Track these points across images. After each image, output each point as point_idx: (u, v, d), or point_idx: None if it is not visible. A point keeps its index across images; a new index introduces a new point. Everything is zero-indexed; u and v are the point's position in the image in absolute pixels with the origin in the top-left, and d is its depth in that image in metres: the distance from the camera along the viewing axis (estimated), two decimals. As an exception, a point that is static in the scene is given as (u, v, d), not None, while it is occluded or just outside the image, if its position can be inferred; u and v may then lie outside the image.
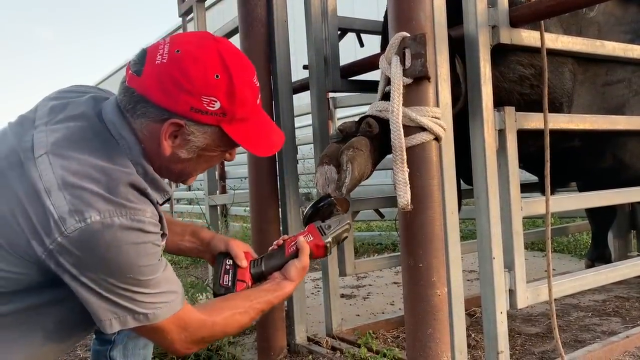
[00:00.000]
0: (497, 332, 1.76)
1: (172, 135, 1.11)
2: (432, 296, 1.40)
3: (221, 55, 1.10)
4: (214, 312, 1.23)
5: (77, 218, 0.99)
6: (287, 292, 1.35)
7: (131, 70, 1.10)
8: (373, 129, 1.57)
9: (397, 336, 2.53)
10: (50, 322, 1.12)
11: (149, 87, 1.07)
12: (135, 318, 1.08)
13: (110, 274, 1.03)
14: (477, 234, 1.81)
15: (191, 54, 1.08)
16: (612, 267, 2.24)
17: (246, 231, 6.01)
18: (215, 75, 1.07)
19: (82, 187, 1.01)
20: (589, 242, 4.21)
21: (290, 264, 1.36)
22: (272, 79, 2.35)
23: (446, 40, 1.67)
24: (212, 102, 1.08)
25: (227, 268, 1.38)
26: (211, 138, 1.14)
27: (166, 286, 1.12)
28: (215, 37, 1.14)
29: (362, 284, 3.77)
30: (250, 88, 1.14)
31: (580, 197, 2.30)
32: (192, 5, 3.68)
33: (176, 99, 1.07)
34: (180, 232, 1.48)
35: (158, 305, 1.10)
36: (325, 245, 1.39)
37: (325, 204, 1.46)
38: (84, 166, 1.03)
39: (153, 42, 1.15)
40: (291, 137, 2.39)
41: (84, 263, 1.01)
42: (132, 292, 1.06)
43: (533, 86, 2.03)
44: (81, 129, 1.10)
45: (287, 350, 2.34)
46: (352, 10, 8.47)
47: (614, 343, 2.15)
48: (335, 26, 2.46)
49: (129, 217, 1.03)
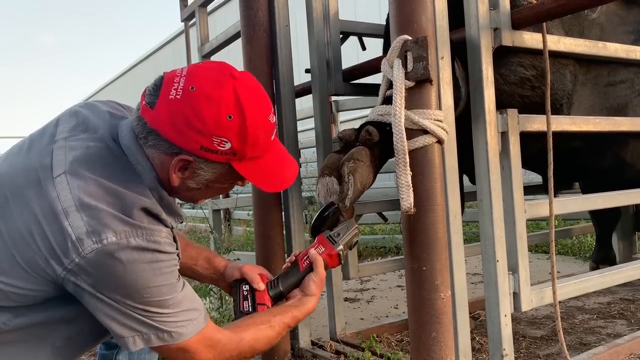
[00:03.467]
0: (501, 335, 1.75)
1: (181, 168, 1.11)
2: (435, 299, 1.39)
3: (237, 95, 1.07)
4: (240, 329, 1.22)
5: (94, 239, 1.00)
6: (310, 307, 1.34)
7: (145, 101, 1.10)
8: (373, 136, 1.57)
9: (401, 340, 2.53)
10: (60, 339, 1.13)
11: (161, 122, 1.07)
12: (159, 337, 1.08)
13: (129, 293, 1.04)
14: (481, 237, 1.80)
15: (206, 92, 1.06)
16: (617, 269, 2.23)
17: (249, 235, 6.01)
18: (228, 116, 1.06)
19: (99, 209, 1.02)
20: (593, 244, 4.20)
21: (308, 279, 1.35)
22: (275, 83, 2.35)
23: (448, 43, 1.67)
24: (223, 143, 1.07)
25: (245, 294, 1.37)
26: (220, 173, 1.14)
27: (187, 304, 1.12)
28: (233, 71, 1.11)
29: (365, 287, 3.76)
30: (264, 128, 1.12)
31: (584, 199, 2.29)
32: (194, 10, 3.69)
33: (186, 137, 1.06)
34: (194, 256, 1.48)
35: (181, 323, 1.10)
36: (338, 253, 1.39)
37: (330, 212, 1.45)
38: (100, 188, 1.04)
39: (171, 70, 1.13)
40: (294, 140, 2.39)
41: (103, 283, 1.02)
42: (152, 313, 1.06)
43: (534, 88, 2.03)
44: (99, 150, 1.11)
45: (291, 354, 2.34)
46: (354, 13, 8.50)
47: (619, 345, 2.14)
48: (337, 30, 2.46)
49: (145, 237, 1.04)
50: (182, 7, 4.01)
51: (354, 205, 1.53)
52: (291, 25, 2.36)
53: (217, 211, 3.86)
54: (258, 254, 2.30)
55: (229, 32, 3.17)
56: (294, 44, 2.50)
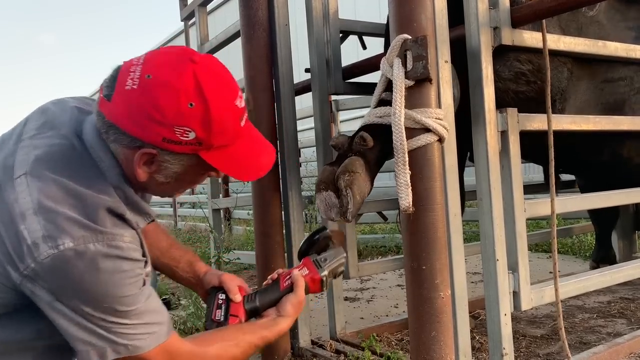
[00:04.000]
0: (501, 334, 1.75)
1: (146, 162, 1.05)
2: (435, 298, 1.39)
3: (197, 80, 1.00)
4: (205, 343, 1.17)
5: (50, 244, 0.95)
6: (282, 328, 1.29)
7: (103, 94, 1.03)
8: (367, 142, 1.55)
9: (401, 339, 2.53)
10: (40, 354, 1.08)
11: (119, 115, 1.01)
12: (115, 350, 1.02)
13: (86, 302, 0.98)
14: (481, 236, 1.80)
15: (163, 80, 0.99)
16: (617, 268, 2.23)
17: (249, 234, 6.02)
18: (189, 104, 0.98)
19: (57, 212, 0.97)
20: (593, 243, 4.20)
21: (286, 300, 1.31)
22: (274, 83, 2.35)
23: (448, 42, 1.67)
24: (186, 133, 1.00)
25: (219, 303, 1.33)
26: (188, 165, 1.07)
27: (149, 317, 1.05)
28: (194, 55, 1.03)
29: (365, 286, 3.76)
30: (230, 113, 1.05)
31: (584, 198, 2.29)
32: (194, 9, 3.69)
33: (147, 129, 0.99)
34: (177, 258, 1.44)
35: (139, 336, 1.04)
36: (322, 279, 1.35)
37: (320, 237, 1.42)
38: (61, 190, 0.99)
39: (128, 60, 1.06)
40: (293, 140, 2.39)
41: (59, 290, 0.97)
42: (110, 323, 1.00)
43: (529, 82, 2.03)
44: (63, 148, 1.06)
45: (291, 353, 2.34)
46: (353, 12, 8.49)
47: (619, 344, 2.14)
48: (337, 29, 2.46)
49: (106, 243, 0.98)
50: (181, 6, 4.01)
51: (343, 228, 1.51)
52: (291, 25, 2.36)
53: (217, 210, 3.86)
54: (258, 253, 2.30)
55: (229, 32, 3.17)
56: (294, 43, 2.50)
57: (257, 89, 2.28)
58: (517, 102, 2.01)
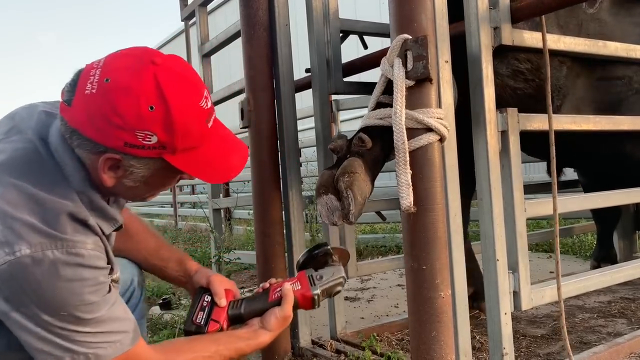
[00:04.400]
0: (501, 334, 1.76)
1: (111, 167, 1.03)
2: (436, 298, 1.39)
3: (158, 82, 0.97)
4: (172, 353, 1.14)
5: (7, 250, 0.93)
6: (261, 342, 1.26)
7: (63, 98, 1.01)
8: (366, 143, 1.54)
9: (401, 339, 2.53)
10: None
11: (79, 121, 0.99)
12: (74, 359, 0.99)
13: (44, 310, 0.95)
14: (481, 236, 1.80)
15: (122, 83, 0.96)
16: (618, 268, 2.23)
17: (250, 234, 6.02)
18: (149, 107, 0.96)
19: (15, 218, 0.95)
20: (593, 243, 4.20)
21: (270, 313, 1.27)
22: (275, 83, 2.35)
23: (448, 42, 1.67)
24: (148, 137, 0.98)
25: (203, 305, 1.30)
26: (155, 168, 1.05)
27: (111, 325, 1.03)
28: (155, 57, 1.01)
29: (366, 286, 3.76)
30: (194, 115, 1.02)
31: (585, 198, 2.29)
32: (194, 9, 3.69)
33: (108, 134, 0.97)
34: (166, 258, 1.43)
35: (100, 344, 1.01)
36: (313, 297, 1.31)
37: (320, 252, 1.37)
38: (21, 195, 0.97)
39: (89, 63, 1.03)
40: (294, 140, 2.39)
41: (15, 298, 0.95)
42: (69, 331, 0.98)
43: (527, 80, 2.03)
44: (27, 152, 1.04)
45: (292, 353, 2.34)
46: (354, 12, 8.49)
47: (620, 344, 2.14)
48: (337, 29, 2.46)
49: (65, 250, 0.96)
50: (182, 6, 4.01)
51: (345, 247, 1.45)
52: (291, 24, 2.36)
53: (218, 210, 3.86)
54: (258, 253, 2.30)
55: (229, 32, 3.17)
56: (294, 43, 2.50)
57: (257, 88, 2.28)
58: (515, 99, 2.01)
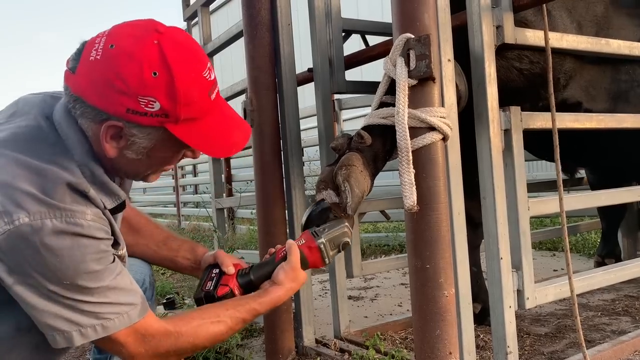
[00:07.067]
0: (505, 333, 1.76)
1: (114, 136, 1.03)
2: (439, 297, 1.39)
3: (161, 50, 0.98)
4: (181, 322, 1.14)
5: (6, 219, 0.94)
6: (274, 297, 1.23)
7: (68, 66, 1.02)
8: (365, 139, 1.55)
9: (405, 337, 2.53)
10: (25, 349, 1.06)
11: (82, 87, 1.00)
12: (82, 333, 1.00)
13: (47, 279, 0.96)
14: (485, 235, 1.80)
15: (126, 49, 0.97)
16: (622, 266, 2.23)
17: (253, 233, 6.03)
18: (152, 73, 0.97)
19: (15, 187, 0.95)
20: (597, 241, 4.19)
21: (279, 268, 1.27)
22: (277, 82, 2.35)
23: (451, 41, 1.67)
24: (151, 103, 0.98)
25: (212, 276, 1.30)
26: (157, 140, 1.05)
27: (117, 296, 1.03)
28: (159, 27, 1.02)
29: (369, 285, 3.76)
30: (198, 84, 1.02)
31: (589, 196, 2.30)
32: (197, 9, 3.70)
33: (110, 100, 0.98)
34: (176, 248, 1.43)
35: (107, 315, 1.01)
36: (319, 246, 1.30)
37: (318, 207, 1.38)
38: (20, 166, 0.98)
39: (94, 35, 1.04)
40: (297, 139, 2.40)
41: (18, 269, 0.95)
42: (74, 301, 0.98)
43: (532, 62, 2.03)
44: (29, 129, 1.05)
45: (295, 352, 2.34)
46: (356, 11, 8.49)
47: (624, 342, 2.14)
48: (340, 28, 2.46)
49: (64, 219, 0.96)
50: (184, 6, 4.02)
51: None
52: (293, 24, 2.36)
53: (221, 210, 3.87)
54: (261, 252, 2.31)
55: (232, 32, 3.17)
56: (296, 42, 2.50)
57: (260, 88, 2.28)
58: (522, 78, 2.01)
